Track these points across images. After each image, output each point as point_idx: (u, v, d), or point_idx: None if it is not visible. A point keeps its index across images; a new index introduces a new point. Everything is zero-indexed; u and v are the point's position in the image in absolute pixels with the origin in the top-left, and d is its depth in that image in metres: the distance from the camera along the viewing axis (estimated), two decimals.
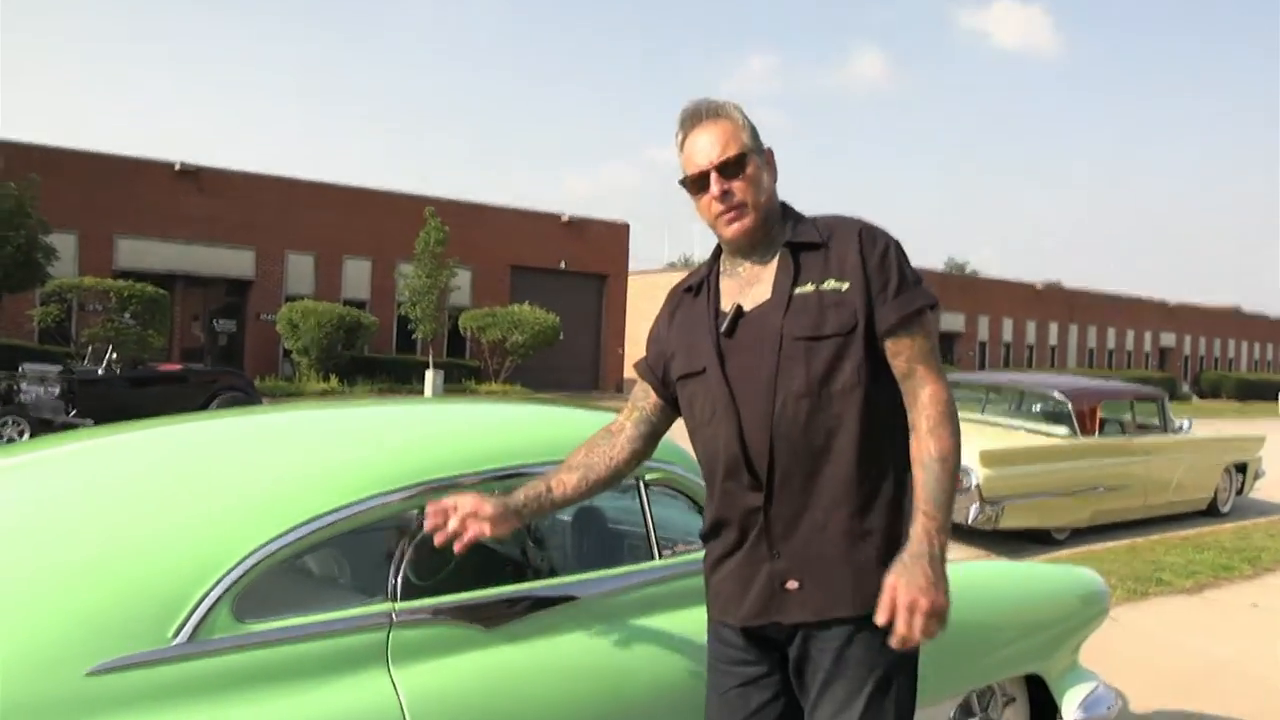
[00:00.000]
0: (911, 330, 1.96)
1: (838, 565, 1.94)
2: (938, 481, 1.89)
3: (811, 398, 1.92)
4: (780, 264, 2.01)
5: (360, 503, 2.06)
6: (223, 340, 26.36)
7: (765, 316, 1.99)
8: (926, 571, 1.82)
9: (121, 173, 24.32)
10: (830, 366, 1.93)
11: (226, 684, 1.82)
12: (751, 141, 2.03)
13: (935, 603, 1.81)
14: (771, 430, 1.94)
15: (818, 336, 1.93)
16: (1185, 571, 7.31)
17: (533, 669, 2.17)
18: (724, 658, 2.10)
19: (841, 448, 1.93)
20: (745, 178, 2.00)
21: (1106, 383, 10.97)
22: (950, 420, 1.94)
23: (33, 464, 2.25)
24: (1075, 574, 3.58)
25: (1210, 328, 56.88)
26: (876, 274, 1.95)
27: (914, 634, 1.81)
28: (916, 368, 1.96)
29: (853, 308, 1.93)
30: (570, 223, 31.93)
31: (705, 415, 2.05)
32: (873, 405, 1.94)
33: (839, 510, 1.93)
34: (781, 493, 1.95)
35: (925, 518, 1.87)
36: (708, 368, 2.03)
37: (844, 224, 2.03)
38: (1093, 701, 3.30)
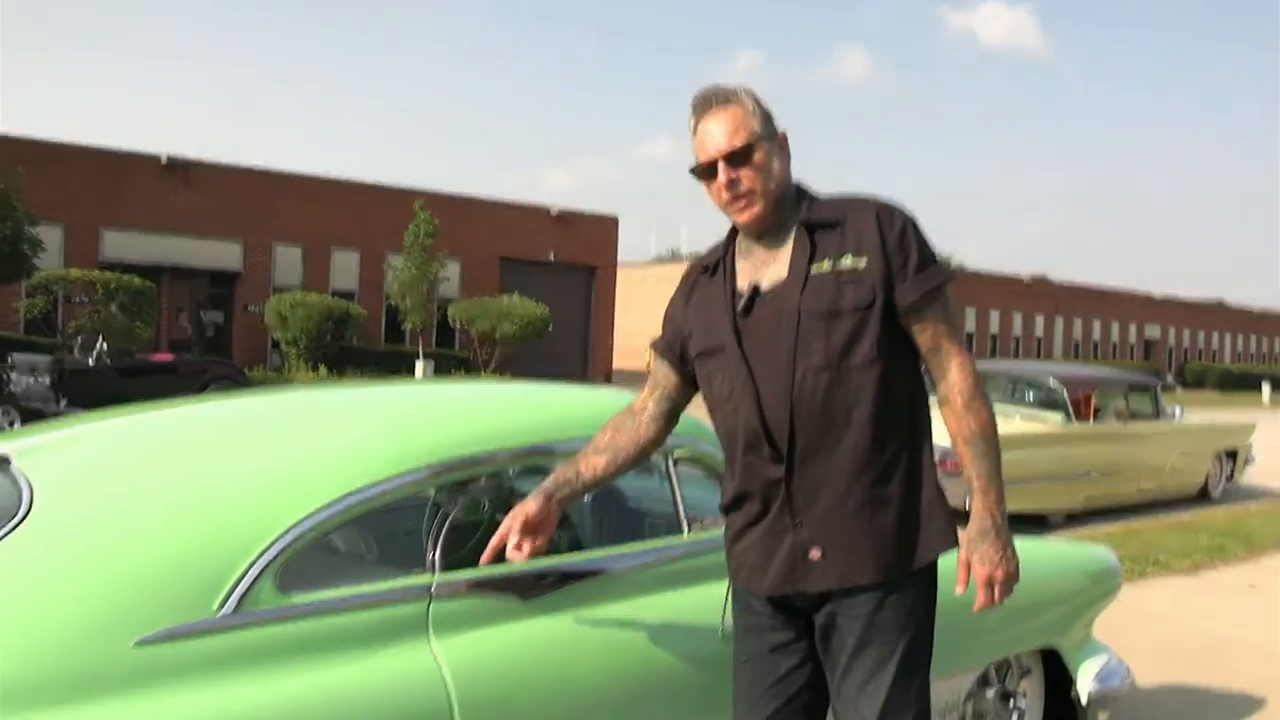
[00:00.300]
0: (934, 306, 1.99)
1: (859, 534, 1.97)
2: (985, 456, 1.97)
3: (831, 371, 1.95)
4: (796, 243, 2.03)
5: (399, 476, 2.07)
6: (210, 332, 26.24)
7: (783, 295, 2.00)
8: (995, 543, 1.96)
9: (108, 165, 24.18)
10: (849, 341, 1.95)
11: (272, 654, 1.83)
12: (761, 128, 2.02)
13: (1009, 570, 1.97)
14: (791, 404, 1.96)
15: (836, 312, 1.95)
16: (1182, 553, 7.38)
17: (570, 640, 2.18)
18: (751, 625, 2.13)
19: (860, 420, 1.96)
20: (753, 166, 2.00)
21: (1100, 370, 11.06)
22: (981, 392, 2.00)
23: (72, 440, 2.24)
24: (1089, 551, 3.61)
25: (1194, 320, 57.29)
26: (896, 252, 1.97)
27: (996, 602, 1.97)
28: (942, 342, 2.00)
29: (870, 284, 1.95)
30: (559, 216, 31.90)
31: (724, 392, 2.07)
32: (890, 378, 1.97)
33: (859, 480, 1.97)
34: (802, 465, 1.98)
35: (981, 493, 1.96)
36: (726, 345, 2.06)
37: (860, 202, 2.04)
38: (1107, 674, 3.34)
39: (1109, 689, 3.32)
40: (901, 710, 1.98)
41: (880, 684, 1.97)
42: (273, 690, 1.78)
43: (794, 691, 2.08)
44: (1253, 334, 62.46)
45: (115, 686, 1.66)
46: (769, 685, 2.09)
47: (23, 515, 1.82)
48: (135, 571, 1.77)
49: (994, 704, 3.17)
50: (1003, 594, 1.97)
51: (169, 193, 24.91)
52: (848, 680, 2.01)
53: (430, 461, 2.12)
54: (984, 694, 3.14)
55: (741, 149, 1.99)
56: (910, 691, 2.00)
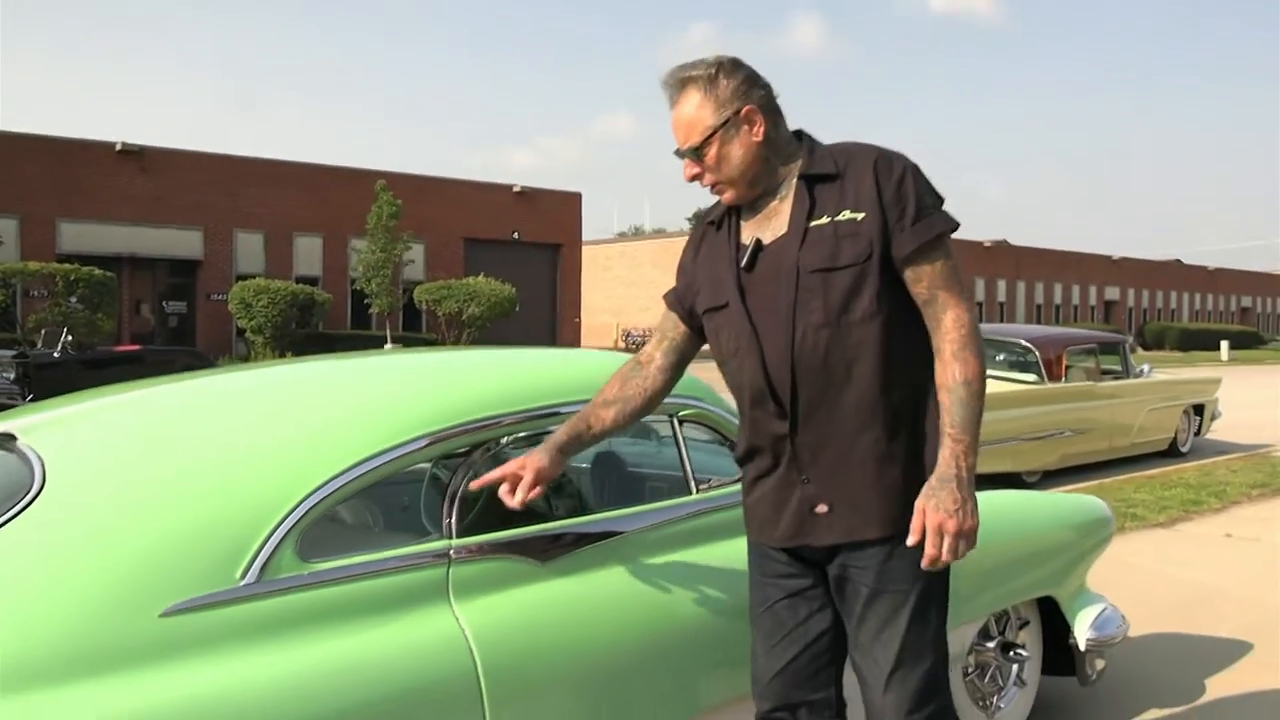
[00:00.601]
0: (931, 256, 1.96)
1: (864, 489, 1.98)
2: (964, 405, 1.91)
3: (830, 328, 1.95)
4: (796, 197, 2.02)
5: (413, 440, 2.05)
6: (173, 322, 25.92)
7: (782, 250, 2.00)
8: (955, 494, 1.87)
9: (62, 154, 23.73)
10: (848, 296, 1.94)
11: (296, 622, 1.81)
12: (716, 116, 1.99)
13: (963, 525, 1.87)
14: (793, 361, 1.97)
15: (833, 267, 1.94)
16: (1156, 507, 7.51)
17: (587, 601, 2.18)
18: (769, 572, 2.14)
19: (862, 375, 1.95)
20: (711, 158, 2.01)
21: (1071, 330, 11.20)
22: (974, 343, 1.95)
23: (78, 416, 2.20)
24: (1083, 501, 3.66)
25: (1152, 280, 58.12)
26: (893, 203, 1.95)
27: (943, 555, 1.87)
28: (938, 293, 1.96)
29: (868, 237, 1.94)
30: (522, 193, 31.74)
31: (730, 348, 2.08)
32: (892, 332, 1.96)
33: (863, 435, 1.97)
34: (806, 421, 1.99)
35: (952, 441, 1.91)
36: (730, 302, 2.06)
37: (860, 153, 2.02)
38: (1103, 621, 3.39)
39: (1106, 636, 3.37)
40: (917, 658, 1.99)
41: (894, 632, 1.99)
42: (299, 658, 1.77)
43: (813, 637, 2.10)
44: (1209, 292, 63.51)
45: (142, 657, 1.65)
46: (788, 631, 2.10)
47: (37, 490, 1.79)
48: (156, 542, 1.75)
49: (996, 655, 3.21)
50: (953, 549, 1.86)
51: (125, 181, 24.51)
52: (863, 629, 2.03)
53: (445, 425, 2.11)
54: (985, 645, 3.19)
55: (696, 149, 2.01)
56: (925, 639, 2.00)
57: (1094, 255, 54.05)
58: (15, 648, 1.58)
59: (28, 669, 1.56)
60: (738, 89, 2.00)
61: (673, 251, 37.72)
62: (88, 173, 23.97)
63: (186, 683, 1.65)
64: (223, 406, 2.21)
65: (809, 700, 2.10)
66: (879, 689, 2.00)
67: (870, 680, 2.02)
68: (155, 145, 25.25)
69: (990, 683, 3.26)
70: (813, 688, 2.10)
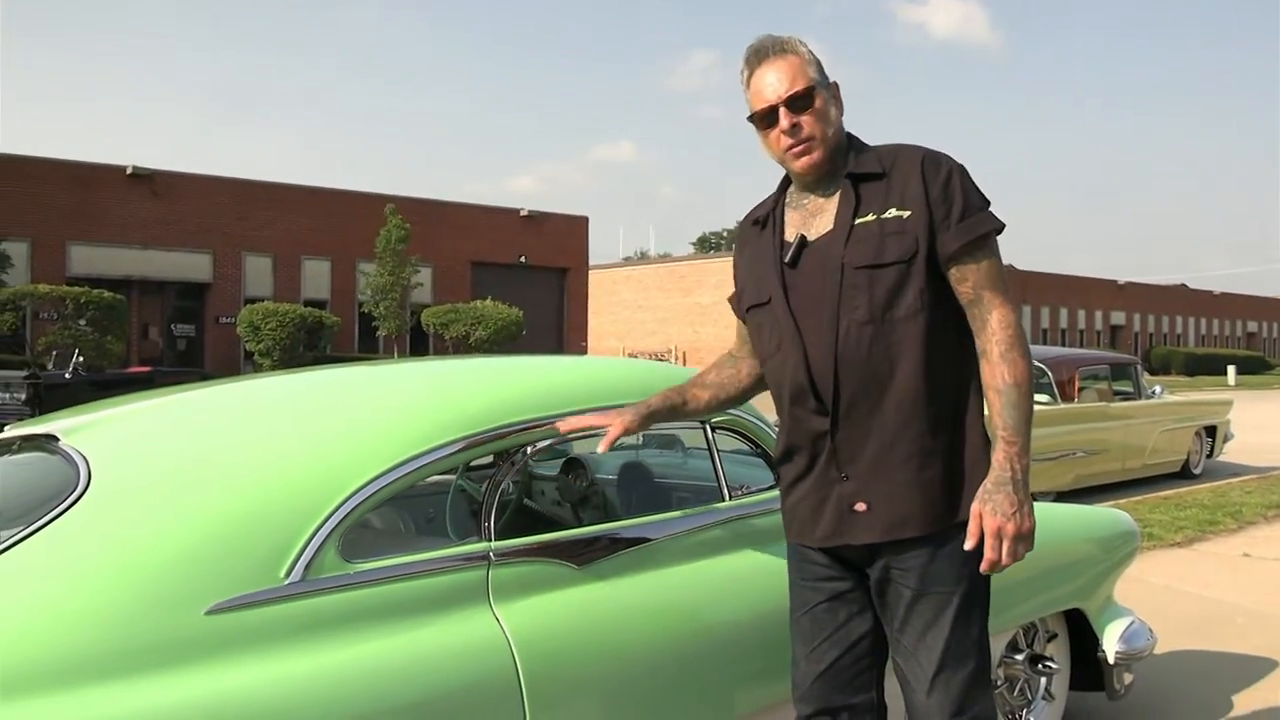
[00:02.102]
0: (976, 256, 1.96)
1: (905, 487, 1.97)
2: (1015, 407, 1.91)
3: (875, 325, 1.95)
4: (842, 195, 2.03)
5: (452, 443, 2.06)
6: (182, 345, 25.97)
7: (827, 247, 2.01)
8: (1011, 497, 1.87)
9: (73, 178, 23.87)
10: (892, 294, 1.94)
11: (339, 621, 1.81)
12: (818, 75, 2.03)
13: (1021, 527, 1.87)
14: (836, 358, 1.97)
15: (879, 264, 1.95)
16: (1172, 527, 7.47)
17: (625, 604, 2.18)
18: (809, 575, 2.13)
19: (905, 373, 1.95)
20: (813, 111, 2.01)
21: (1084, 352, 11.20)
22: (1020, 343, 1.95)
23: (120, 417, 2.21)
24: (1107, 514, 3.65)
25: (1158, 305, 58.08)
26: (939, 201, 1.95)
27: (1003, 558, 1.87)
28: (983, 293, 1.97)
29: (914, 235, 1.94)
30: (529, 217, 31.86)
31: (772, 345, 2.08)
32: (935, 331, 1.96)
33: (904, 434, 1.96)
34: (847, 418, 1.98)
35: (1005, 444, 1.91)
36: (773, 298, 2.06)
37: (906, 152, 2.03)
38: (1132, 634, 3.37)
39: (1135, 649, 3.35)
40: (961, 661, 1.98)
41: (938, 634, 1.97)
42: (342, 657, 1.77)
43: (854, 640, 2.08)
44: (1215, 317, 63.42)
45: (187, 655, 1.65)
46: (828, 634, 2.09)
47: (82, 489, 1.79)
48: (201, 540, 1.75)
49: (1024, 668, 3.19)
50: (1012, 552, 1.86)
51: (135, 205, 24.63)
52: (905, 632, 2.01)
53: (482, 428, 2.11)
54: (1014, 658, 3.17)
55: (802, 94, 2.00)
56: (968, 642, 1.99)
57: (1100, 280, 54.07)
58: (62, 644, 1.58)
59: (74, 666, 1.56)
60: (823, 67, 2.06)
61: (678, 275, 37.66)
62: (98, 196, 24.11)
63: (231, 680, 1.65)
64: (263, 408, 2.22)
65: (850, 704, 2.08)
66: (922, 692, 1.99)
67: (914, 683, 2.01)
68: (165, 169, 25.40)
69: (1019, 696, 3.24)
70: (854, 691, 2.08)
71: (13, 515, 1.90)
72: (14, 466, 2.20)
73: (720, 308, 41.44)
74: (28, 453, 2.18)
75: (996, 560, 1.87)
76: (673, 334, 43.70)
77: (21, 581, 1.64)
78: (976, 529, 1.88)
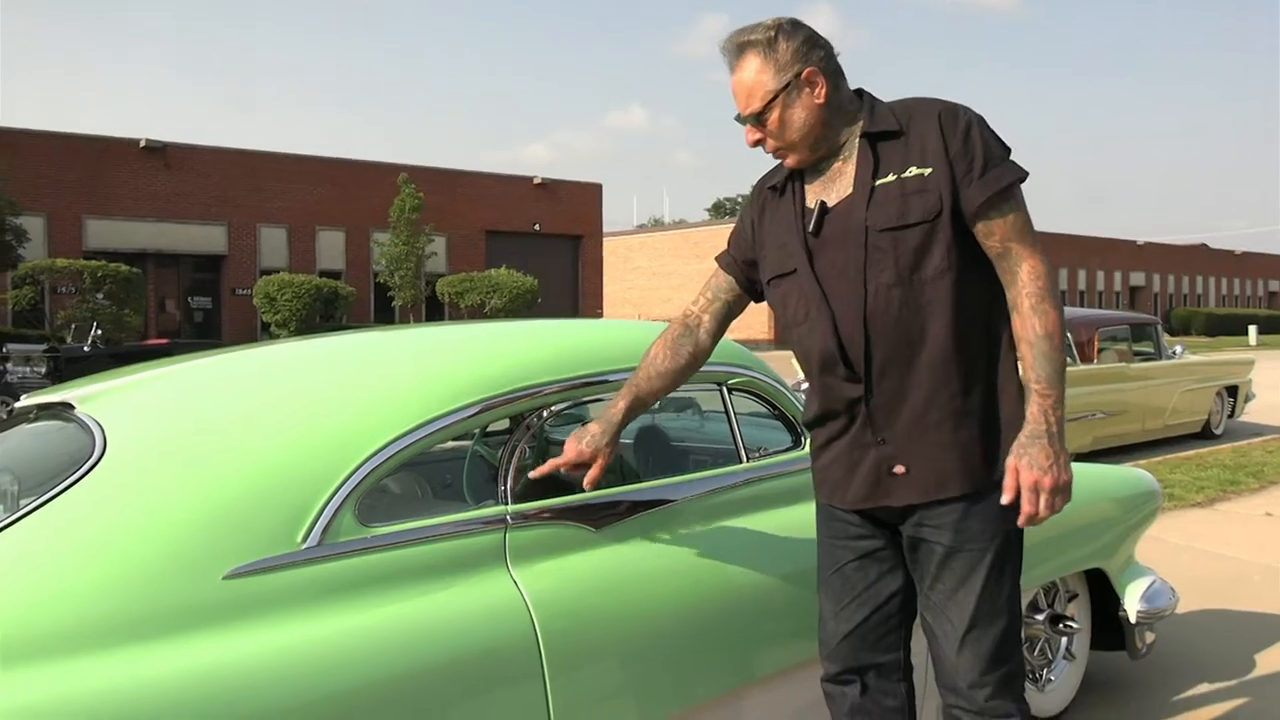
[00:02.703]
0: (1002, 208, 1.91)
1: (942, 448, 1.94)
2: (1047, 358, 1.87)
3: (902, 287, 1.91)
4: (860, 156, 1.98)
5: (467, 406, 2.04)
6: (199, 317, 26.08)
7: (849, 211, 1.96)
8: (1047, 450, 1.84)
9: (87, 152, 23.90)
10: (918, 254, 1.91)
11: (357, 585, 1.81)
12: (777, 80, 1.96)
13: (1058, 480, 1.84)
14: (865, 323, 1.94)
15: (903, 225, 1.91)
16: (1194, 487, 7.43)
17: (643, 567, 2.17)
18: (838, 534, 2.11)
19: (936, 333, 1.92)
20: (773, 123, 1.98)
21: (1103, 312, 11.10)
22: (1052, 294, 1.91)
23: (135, 385, 2.20)
24: (1129, 473, 3.62)
25: (1178, 265, 57.54)
26: (960, 156, 1.90)
27: (1040, 511, 1.84)
28: (1011, 245, 1.92)
29: (937, 193, 1.90)
30: (543, 185, 31.75)
31: (800, 314, 2.04)
32: (965, 288, 1.92)
33: (939, 394, 1.93)
34: (880, 383, 1.96)
35: (1039, 396, 1.87)
36: (798, 268, 2.03)
37: (922, 107, 1.98)
38: (1154, 594, 3.35)
39: (1157, 608, 3.33)
40: (992, 619, 1.96)
41: (969, 592, 1.96)
42: (361, 621, 1.77)
43: (883, 599, 2.07)
44: (1236, 276, 62.80)
45: (206, 619, 1.65)
46: (858, 593, 2.08)
47: (98, 456, 1.79)
48: (218, 506, 1.74)
49: (1045, 627, 3.18)
50: (1048, 505, 1.83)
51: (149, 177, 24.66)
52: (936, 589, 2.00)
53: (497, 391, 2.10)
54: (1034, 618, 3.15)
55: (757, 114, 1.98)
56: (1000, 600, 1.97)
57: (1119, 240, 53.56)
58: (80, 611, 1.58)
59: (93, 631, 1.56)
60: (797, 51, 1.96)
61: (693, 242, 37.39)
62: (112, 170, 24.14)
63: (250, 644, 1.65)
64: (278, 374, 2.20)
65: (878, 663, 2.08)
66: (953, 649, 1.98)
67: (943, 641, 2.00)
68: (178, 142, 25.39)
69: (1039, 656, 3.23)
70: (882, 650, 2.08)
71: (30, 483, 1.91)
72: (30, 435, 2.21)
73: None
74: (44, 421, 2.18)
75: (1034, 513, 1.84)
76: (687, 300, 43.41)
77: (39, 548, 1.64)
78: (1013, 483, 1.84)
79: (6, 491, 1.97)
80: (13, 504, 1.91)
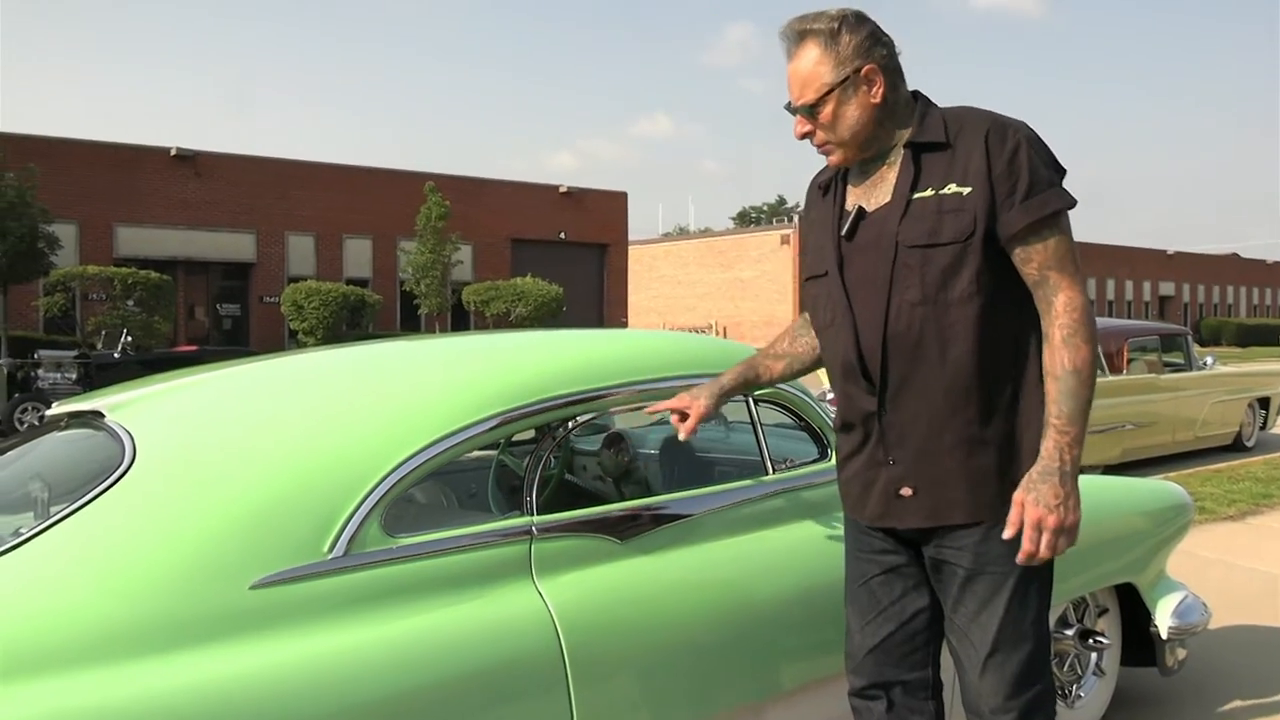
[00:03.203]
0: (1043, 235, 1.84)
1: (952, 474, 1.90)
2: (1072, 395, 1.82)
3: (926, 306, 1.87)
4: (902, 165, 1.94)
5: (491, 417, 2.04)
6: (227, 324, 26.29)
7: (883, 221, 1.93)
8: (1056, 488, 1.79)
9: (118, 160, 24.17)
10: (947, 275, 1.86)
11: (382, 595, 1.81)
12: (834, 73, 1.91)
13: (1064, 520, 1.79)
14: (885, 338, 1.91)
15: (934, 244, 1.86)
16: (1225, 500, 7.34)
17: (668, 579, 2.16)
18: (865, 547, 2.09)
19: (957, 357, 1.87)
20: (826, 116, 1.94)
21: (1131, 322, 10.98)
22: (1086, 328, 1.84)
23: (165, 393, 2.21)
24: (1160, 486, 3.57)
25: (1209, 274, 56.92)
26: (1003, 178, 1.83)
27: (1040, 550, 1.79)
28: (1049, 274, 1.85)
29: (972, 213, 1.84)
30: (568, 193, 31.81)
31: (827, 318, 2.03)
32: (992, 315, 1.87)
33: (954, 419, 1.89)
34: (895, 400, 1.93)
35: (1056, 432, 1.82)
36: (829, 271, 2.01)
37: (973, 120, 1.91)
38: (1185, 609, 3.30)
39: (1189, 624, 3.28)
40: (1015, 643, 1.92)
41: (992, 615, 1.92)
42: (387, 631, 1.77)
43: (909, 616, 2.05)
44: (1268, 286, 62.02)
45: (233, 628, 1.65)
46: (883, 608, 2.06)
47: (128, 463, 1.80)
48: (245, 516, 1.75)
49: (1075, 643, 3.14)
50: (1049, 545, 1.78)
51: (179, 186, 24.89)
52: (959, 612, 1.96)
53: (521, 402, 2.10)
54: (1064, 633, 3.12)
55: (811, 104, 1.93)
56: (1024, 624, 1.93)
57: (1148, 250, 53.05)
58: (109, 619, 1.59)
59: (121, 640, 1.57)
60: (860, 45, 1.91)
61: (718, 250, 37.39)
62: (143, 178, 24.38)
63: (276, 654, 1.65)
64: (305, 384, 2.21)
65: (904, 680, 2.05)
66: (976, 673, 1.95)
67: (966, 664, 1.97)
68: (208, 150, 25.64)
69: (1069, 672, 3.19)
70: (908, 667, 2.05)
71: (60, 491, 1.92)
72: (61, 443, 2.23)
73: (761, 282, 41.22)
74: (74, 429, 2.20)
75: (1034, 552, 1.79)
76: (713, 309, 43.53)
77: (69, 556, 1.65)
78: (1017, 518, 1.80)
79: (38, 499, 1.99)
80: (44, 511, 1.93)
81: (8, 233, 17.54)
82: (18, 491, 2.10)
